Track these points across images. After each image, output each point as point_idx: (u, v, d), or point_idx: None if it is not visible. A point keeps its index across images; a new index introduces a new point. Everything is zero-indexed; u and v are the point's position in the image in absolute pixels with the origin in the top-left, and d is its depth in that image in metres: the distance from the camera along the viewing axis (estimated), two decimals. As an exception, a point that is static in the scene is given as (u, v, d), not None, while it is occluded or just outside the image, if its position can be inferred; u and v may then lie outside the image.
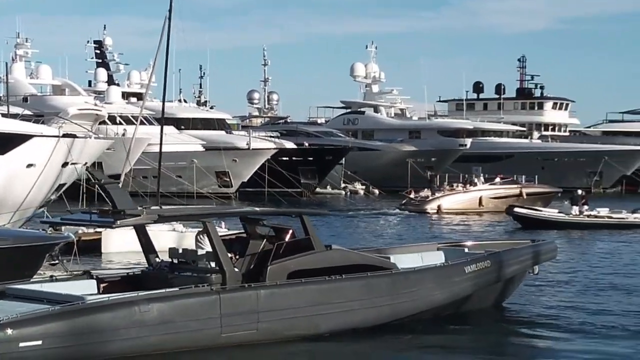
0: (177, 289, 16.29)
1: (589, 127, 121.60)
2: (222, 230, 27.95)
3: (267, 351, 16.53)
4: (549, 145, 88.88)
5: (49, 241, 22.00)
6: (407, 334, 18.09)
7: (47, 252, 21.75)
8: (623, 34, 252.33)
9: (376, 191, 73.71)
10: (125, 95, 75.70)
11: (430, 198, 54.36)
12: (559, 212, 45.79)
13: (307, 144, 74.43)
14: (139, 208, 17.25)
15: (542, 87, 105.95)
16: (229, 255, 17.11)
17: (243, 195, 61.67)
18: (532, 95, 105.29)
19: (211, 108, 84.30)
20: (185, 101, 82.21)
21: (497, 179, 58.29)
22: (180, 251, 17.92)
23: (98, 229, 29.28)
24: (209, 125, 72.07)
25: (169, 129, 60.15)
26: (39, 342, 14.76)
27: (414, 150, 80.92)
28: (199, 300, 16.23)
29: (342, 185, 74.65)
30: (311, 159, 70.05)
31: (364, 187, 74.64)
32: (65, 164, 35.91)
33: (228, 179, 64.17)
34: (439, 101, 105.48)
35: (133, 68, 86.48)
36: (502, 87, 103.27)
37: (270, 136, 75.48)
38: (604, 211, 45.75)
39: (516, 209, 46.16)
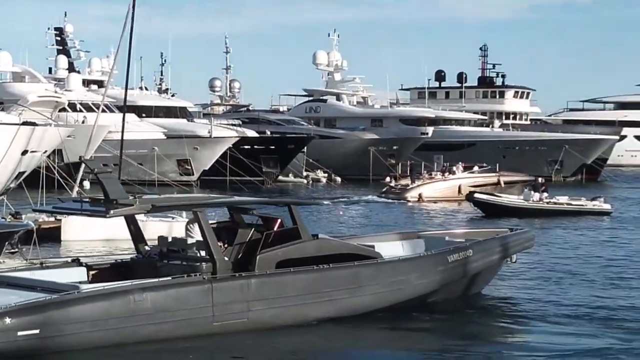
0: (169, 278, 16.50)
1: (550, 115, 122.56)
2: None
3: (254, 341, 16.64)
4: (510, 133, 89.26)
5: (8, 229, 21.87)
6: (383, 323, 18.26)
7: (6, 240, 21.62)
8: (584, 24, 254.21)
9: (338, 179, 73.71)
10: (86, 83, 75.23)
11: (411, 186, 54.88)
12: (519, 199, 46.19)
13: (269, 132, 74.27)
14: (131, 197, 17.32)
15: (503, 76, 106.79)
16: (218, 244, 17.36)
17: (204, 183, 61.45)
18: (493, 83, 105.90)
19: (172, 96, 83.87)
20: (146, 89, 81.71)
21: (475, 168, 59.18)
22: (170, 240, 18.11)
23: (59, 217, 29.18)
24: (170, 113, 71.80)
25: (130, 117, 59.63)
26: (37, 331, 14.95)
27: (375, 138, 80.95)
28: (192, 289, 16.47)
29: (304, 173, 74.51)
30: (273, 147, 69.89)
31: (326, 175, 74.60)
32: (25, 152, 35.65)
33: (189, 167, 63.97)
34: (401, 89, 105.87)
35: (94, 55, 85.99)
36: (464, 75, 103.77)
37: (232, 124, 75.19)
38: (563, 198, 46.37)
39: (476, 195, 46.34)
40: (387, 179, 58.23)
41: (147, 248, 18.35)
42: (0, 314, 14.80)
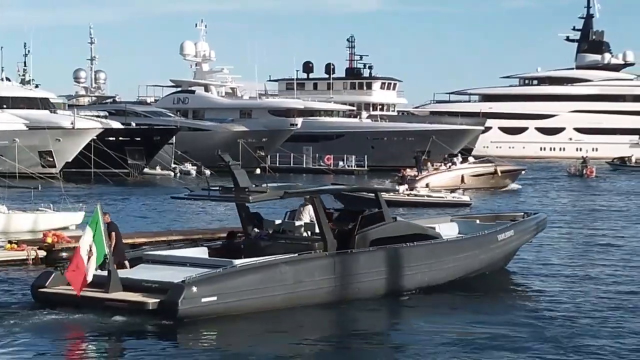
0: (296, 254, 19.12)
1: (417, 107, 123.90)
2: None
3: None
4: (379, 124, 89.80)
5: None
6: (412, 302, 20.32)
7: None
8: (451, 16, 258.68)
9: (207, 172, 72.81)
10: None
11: (420, 177, 55.75)
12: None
13: (134, 124, 72.79)
14: (263, 185, 20.05)
15: (370, 67, 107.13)
16: None
17: (68, 175, 59.74)
18: (360, 75, 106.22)
19: (36, 87, 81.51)
20: (8, 79, 79.20)
21: (471, 159, 62.55)
22: (277, 223, 20.96)
23: None
24: (32, 104, 69.63)
25: (-11, 108, 57.86)
26: (215, 298, 17.57)
27: (244, 130, 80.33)
28: (321, 263, 19.30)
29: (173, 165, 73.27)
30: (139, 139, 68.53)
31: (195, 167, 73.56)
32: None
33: (52, 159, 62.16)
34: (270, 80, 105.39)
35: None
36: (332, 67, 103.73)
37: (98, 116, 73.47)
38: (423, 190, 47.09)
39: None
40: (407, 170, 58.21)
41: (256, 230, 20.79)
42: (188, 283, 17.30)
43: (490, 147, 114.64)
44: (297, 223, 20.66)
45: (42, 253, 25.27)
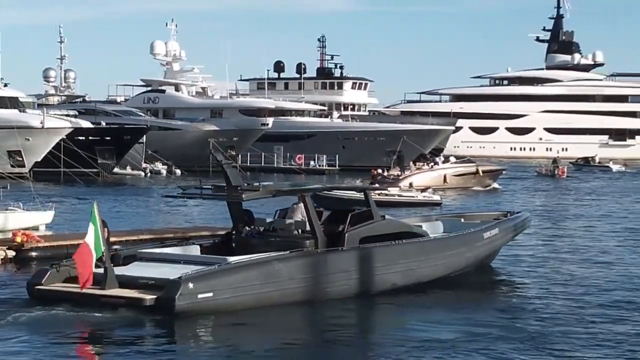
0: (288, 252, 19.29)
1: (388, 107, 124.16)
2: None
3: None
4: (350, 124, 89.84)
5: None
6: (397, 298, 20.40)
7: None
8: (421, 16, 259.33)
9: (178, 171, 72.60)
10: None
11: (403, 176, 56.32)
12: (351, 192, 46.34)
13: (104, 123, 72.40)
14: (255, 184, 20.44)
15: (341, 67, 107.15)
16: None
17: (37, 174, 59.32)
18: (332, 75, 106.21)
19: (5, 86, 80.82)
20: (-24, 79, 78.46)
21: (452, 159, 63.53)
22: (268, 221, 21.16)
23: None
24: (1, 103, 69.05)
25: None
26: (211, 294, 17.76)
27: (215, 129, 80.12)
28: (313, 260, 19.46)
29: (143, 165, 72.89)
30: (108, 138, 68.14)
31: (165, 167, 73.29)
32: None
33: (21, 159, 61.71)
34: (241, 80, 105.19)
35: None
36: (303, 66, 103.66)
37: (67, 115, 72.96)
38: (394, 190, 47.10)
39: None
40: (380, 170, 59.00)
41: (247, 228, 20.93)
42: (184, 280, 17.51)
43: (461, 147, 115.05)
44: (288, 221, 20.89)
45: (11, 253, 25.03)
